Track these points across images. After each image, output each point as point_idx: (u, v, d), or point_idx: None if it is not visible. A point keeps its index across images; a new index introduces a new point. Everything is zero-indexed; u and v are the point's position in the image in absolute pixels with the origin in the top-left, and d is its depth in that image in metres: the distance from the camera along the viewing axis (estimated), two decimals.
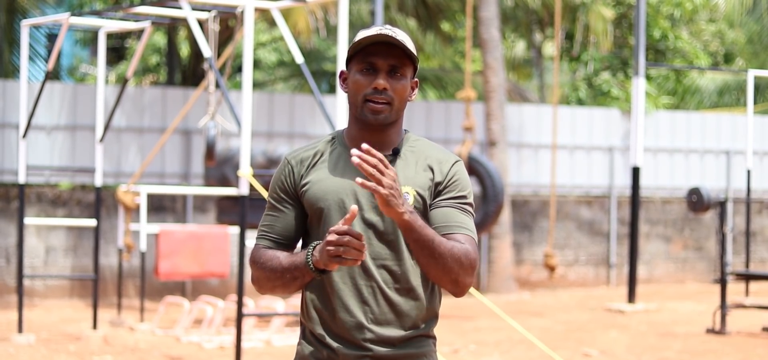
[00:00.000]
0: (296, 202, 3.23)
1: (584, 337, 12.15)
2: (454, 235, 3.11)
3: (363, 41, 3.12)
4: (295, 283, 3.14)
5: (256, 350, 10.83)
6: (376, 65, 3.14)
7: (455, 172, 3.17)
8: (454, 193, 3.16)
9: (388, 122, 3.16)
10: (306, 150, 3.25)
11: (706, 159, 19.37)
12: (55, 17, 12.16)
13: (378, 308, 3.13)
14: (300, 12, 17.08)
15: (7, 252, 14.94)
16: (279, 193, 3.24)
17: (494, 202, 14.21)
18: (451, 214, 3.14)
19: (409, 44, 3.14)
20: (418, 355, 3.18)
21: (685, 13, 23.74)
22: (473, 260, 3.09)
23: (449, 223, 3.12)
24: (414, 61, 3.18)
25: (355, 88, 3.16)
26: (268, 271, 3.18)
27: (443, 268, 3.06)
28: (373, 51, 3.14)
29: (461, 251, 3.07)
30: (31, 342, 11.15)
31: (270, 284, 3.19)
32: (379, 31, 3.11)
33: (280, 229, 3.23)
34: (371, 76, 3.14)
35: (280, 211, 3.24)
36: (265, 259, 3.19)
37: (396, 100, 3.15)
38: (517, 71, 25.07)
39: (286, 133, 16.55)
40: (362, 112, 3.15)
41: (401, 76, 3.15)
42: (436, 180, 3.16)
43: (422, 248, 3.03)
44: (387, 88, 3.13)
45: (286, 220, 3.23)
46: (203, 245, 12.20)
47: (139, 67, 24.53)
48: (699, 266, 19.12)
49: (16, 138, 15.11)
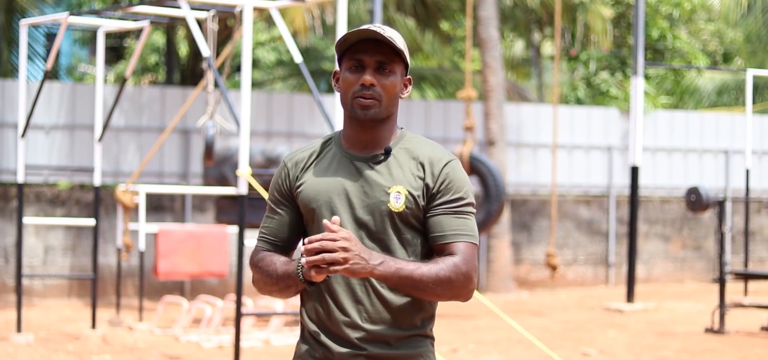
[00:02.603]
0: (292, 204, 3.24)
1: (583, 336, 12.15)
2: (449, 244, 3.10)
3: (349, 38, 3.12)
4: (290, 291, 3.17)
5: (254, 350, 10.83)
6: (363, 62, 3.14)
7: (447, 174, 3.14)
8: (447, 197, 3.14)
9: (378, 118, 3.15)
10: (302, 151, 3.26)
11: (704, 158, 19.38)
12: (54, 16, 12.16)
13: (372, 307, 3.13)
14: (297, 10, 17.09)
15: (5, 251, 14.93)
16: (276, 195, 3.27)
17: (496, 201, 14.23)
18: (445, 221, 3.12)
19: (397, 40, 3.12)
20: (415, 355, 3.17)
21: (683, 12, 23.74)
22: (465, 271, 3.08)
23: (445, 232, 3.12)
24: (403, 58, 3.17)
25: (345, 86, 3.16)
26: (265, 276, 3.21)
27: (434, 294, 3.08)
28: (361, 48, 3.14)
29: (449, 270, 3.07)
30: (30, 341, 11.15)
31: (268, 289, 3.22)
32: (365, 27, 3.11)
33: (277, 231, 3.25)
34: (359, 73, 3.14)
35: (277, 213, 3.26)
36: (262, 264, 3.22)
37: (384, 97, 3.14)
38: (516, 70, 25.07)
39: (284, 132, 16.55)
40: (352, 110, 3.15)
41: (389, 72, 3.15)
42: (427, 182, 3.14)
43: (408, 287, 3.06)
44: (374, 83, 3.13)
45: (283, 222, 3.25)
46: (202, 245, 12.20)
47: (137, 66, 24.52)
48: (698, 265, 19.12)
49: (15, 137, 15.11)
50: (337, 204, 3.13)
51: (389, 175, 3.15)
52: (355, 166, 3.16)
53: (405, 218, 3.13)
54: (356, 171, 3.16)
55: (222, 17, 12.13)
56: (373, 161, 3.17)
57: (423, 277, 3.04)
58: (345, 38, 3.12)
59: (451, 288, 3.07)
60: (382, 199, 3.12)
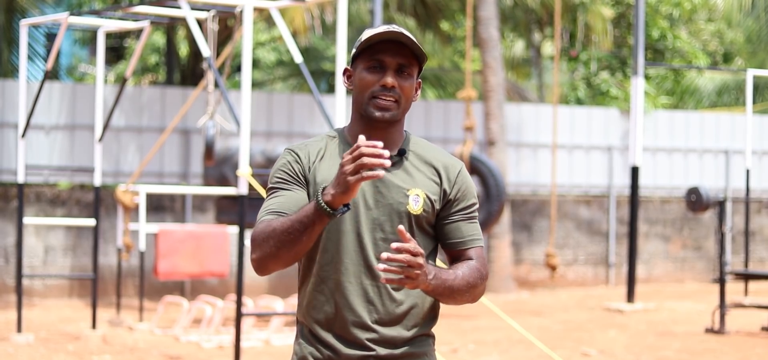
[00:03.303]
0: (303, 185, 3.13)
1: (583, 336, 12.15)
2: (466, 250, 3.17)
3: (372, 38, 3.10)
4: (303, 238, 2.96)
5: (255, 350, 10.83)
6: (384, 63, 3.12)
7: (463, 181, 3.20)
8: (463, 204, 3.19)
9: (395, 120, 3.14)
10: (310, 144, 3.20)
11: (704, 158, 19.38)
12: (54, 17, 12.16)
13: (383, 308, 3.12)
14: (297, 10, 17.09)
15: (6, 251, 14.93)
16: (286, 175, 3.13)
17: (497, 201, 14.24)
18: (463, 228, 3.18)
19: (418, 44, 3.13)
20: (419, 354, 3.18)
21: (683, 12, 23.75)
22: (485, 274, 3.18)
23: (463, 238, 3.18)
24: (421, 62, 3.17)
25: (362, 86, 3.13)
26: (272, 233, 3.00)
27: (463, 299, 3.15)
28: (382, 49, 3.12)
29: (475, 275, 3.15)
30: (30, 341, 11.15)
31: (274, 248, 3.00)
32: (389, 29, 3.09)
33: (287, 206, 3.09)
34: (379, 73, 3.12)
35: (287, 190, 3.12)
36: (268, 226, 3.03)
37: (403, 99, 3.14)
38: (516, 71, 25.07)
39: (284, 132, 16.55)
40: (368, 109, 3.13)
41: (408, 75, 3.14)
42: (445, 187, 3.17)
43: (446, 297, 3.10)
44: (395, 86, 3.12)
45: (293, 198, 3.11)
46: (202, 245, 12.20)
47: (138, 66, 24.52)
48: (698, 266, 19.12)
49: (15, 137, 15.11)
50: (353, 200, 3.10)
51: (408, 178, 3.14)
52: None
53: (420, 222, 3.14)
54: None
55: (222, 17, 12.12)
56: None
57: (458, 285, 3.10)
58: (369, 38, 3.10)
59: (476, 291, 3.17)
60: (401, 201, 3.12)
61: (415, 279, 2.94)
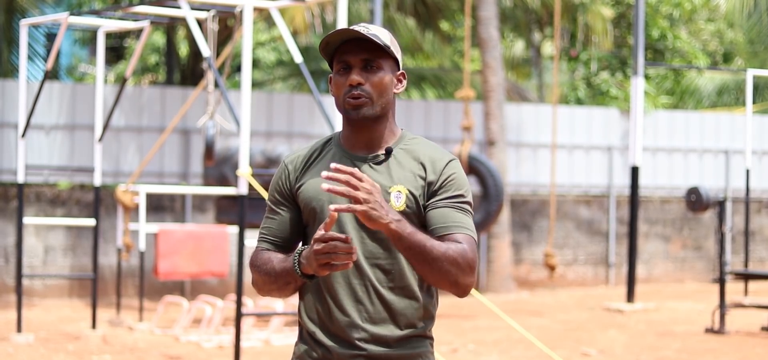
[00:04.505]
0: (292, 203, 3.23)
1: (583, 336, 12.15)
2: (452, 235, 3.07)
3: (331, 40, 3.13)
4: (289, 288, 3.15)
5: (254, 350, 10.83)
6: (349, 62, 3.14)
7: (451, 171, 3.14)
8: (450, 193, 3.13)
9: (371, 116, 3.14)
10: (302, 151, 3.26)
11: (704, 158, 19.38)
12: (54, 17, 12.16)
13: (372, 307, 3.12)
14: (297, 10, 17.09)
15: (6, 251, 14.93)
16: (276, 195, 3.26)
17: (495, 200, 14.23)
18: (448, 213, 3.10)
19: (380, 36, 3.12)
20: (415, 355, 3.16)
21: (684, 12, 23.75)
22: (471, 260, 3.05)
23: (447, 223, 3.09)
24: (390, 53, 3.16)
25: (336, 90, 3.16)
26: (263, 275, 3.19)
27: (440, 272, 3.02)
28: (346, 49, 3.14)
29: (457, 252, 3.03)
30: (30, 341, 11.15)
31: (267, 288, 3.20)
32: (345, 28, 3.11)
33: (277, 231, 3.24)
34: (347, 74, 3.14)
35: (276, 213, 3.25)
36: (260, 263, 3.21)
37: (374, 93, 3.13)
38: (516, 70, 25.07)
39: (284, 132, 16.55)
40: (345, 110, 3.15)
41: (376, 68, 3.14)
42: (429, 179, 3.13)
43: (415, 255, 3.00)
44: (362, 82, 3.12)
45: (283, 222, 3.23)
46: (202, 245, 12.20)
47: (138, 66, 24.52)
48: (698, 266, 19.12)
49: (15, 137, 15.11)
50: (339, 203, 3.11)
51: (389, 175, 3.14)
52: (355, 166, 3.14)
53: (406, 218, 3.11)
54: None
55: (222, 17, 12.12)
56: (374, 161, 3.16)
57: (433, 248, 3.00)
58: (327, 41, 3.12)
59: (457, 269, 3.02)
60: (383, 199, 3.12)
61: (363, 203, 2.90)
